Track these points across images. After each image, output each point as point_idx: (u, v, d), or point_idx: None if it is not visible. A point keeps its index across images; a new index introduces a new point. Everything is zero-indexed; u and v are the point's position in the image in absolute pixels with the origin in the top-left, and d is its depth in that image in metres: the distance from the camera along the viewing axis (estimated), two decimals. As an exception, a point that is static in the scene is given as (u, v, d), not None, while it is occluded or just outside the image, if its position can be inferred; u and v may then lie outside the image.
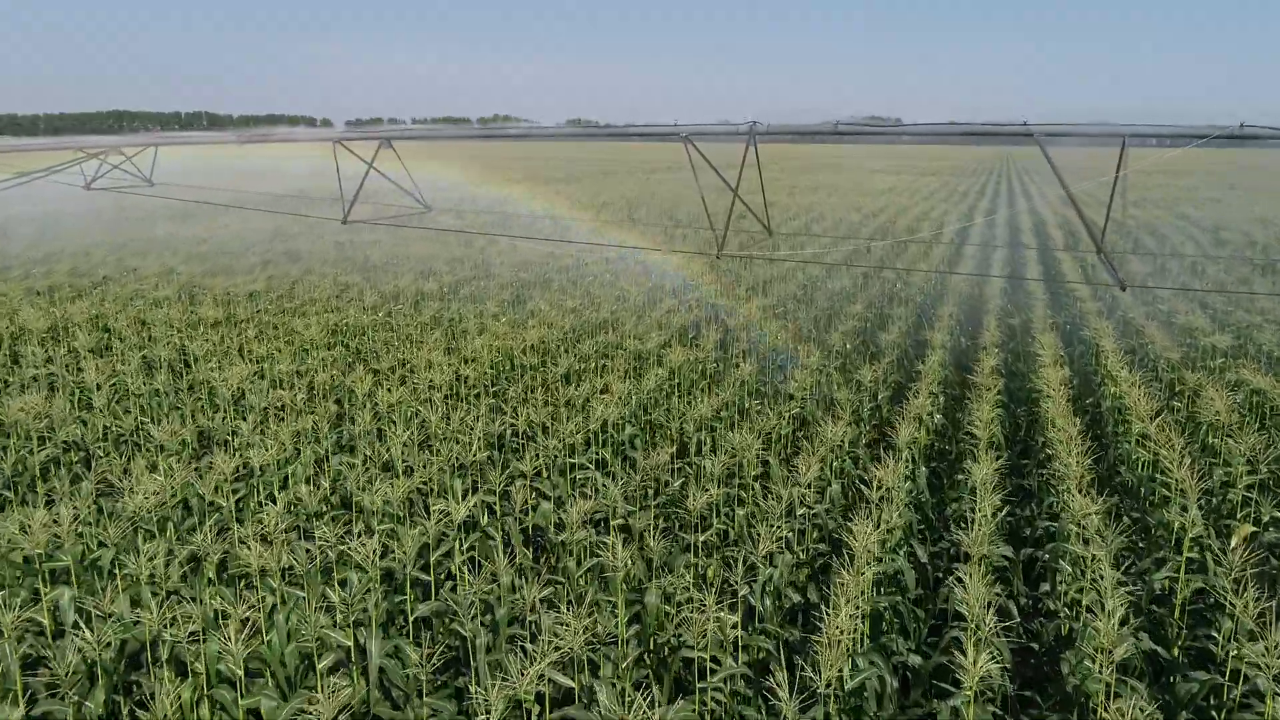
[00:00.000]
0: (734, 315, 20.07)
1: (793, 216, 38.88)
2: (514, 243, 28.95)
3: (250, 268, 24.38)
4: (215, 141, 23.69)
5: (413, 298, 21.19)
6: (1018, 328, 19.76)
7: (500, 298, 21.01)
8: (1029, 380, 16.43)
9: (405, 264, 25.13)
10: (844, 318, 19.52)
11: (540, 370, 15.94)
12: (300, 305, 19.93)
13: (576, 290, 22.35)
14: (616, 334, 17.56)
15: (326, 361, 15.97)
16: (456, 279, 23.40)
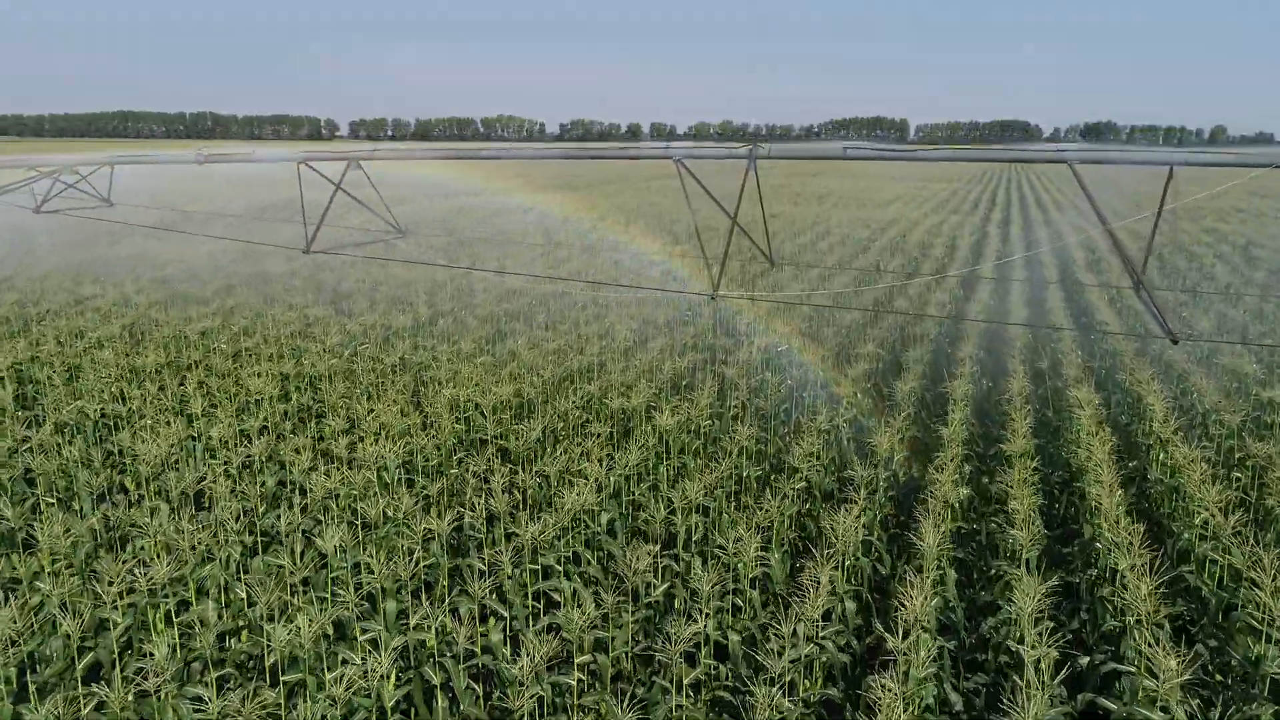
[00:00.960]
0: (732, 356, 18.22)
1: (798, 232, 37.03)
2: (501, 266, 27.14)
3: (213, 296, 22.59)
4: (173, 161, 21.85)
5: (382, 334, 19.38)
6: (1046, 371, 17.88)
7: (479, 334, 19.19)
8: (1065, 440, 14.57)
9: (381, 290, 23.32)
10: (854, 359, 17.66)
11: (512, 430, 14.12)
12: (257, 345, 18.12)
13: (563, 323, 20.54)
14: (600, 383, 15.73)
15: (274, 420, 14.16)
16: (434, 309, 21.59)
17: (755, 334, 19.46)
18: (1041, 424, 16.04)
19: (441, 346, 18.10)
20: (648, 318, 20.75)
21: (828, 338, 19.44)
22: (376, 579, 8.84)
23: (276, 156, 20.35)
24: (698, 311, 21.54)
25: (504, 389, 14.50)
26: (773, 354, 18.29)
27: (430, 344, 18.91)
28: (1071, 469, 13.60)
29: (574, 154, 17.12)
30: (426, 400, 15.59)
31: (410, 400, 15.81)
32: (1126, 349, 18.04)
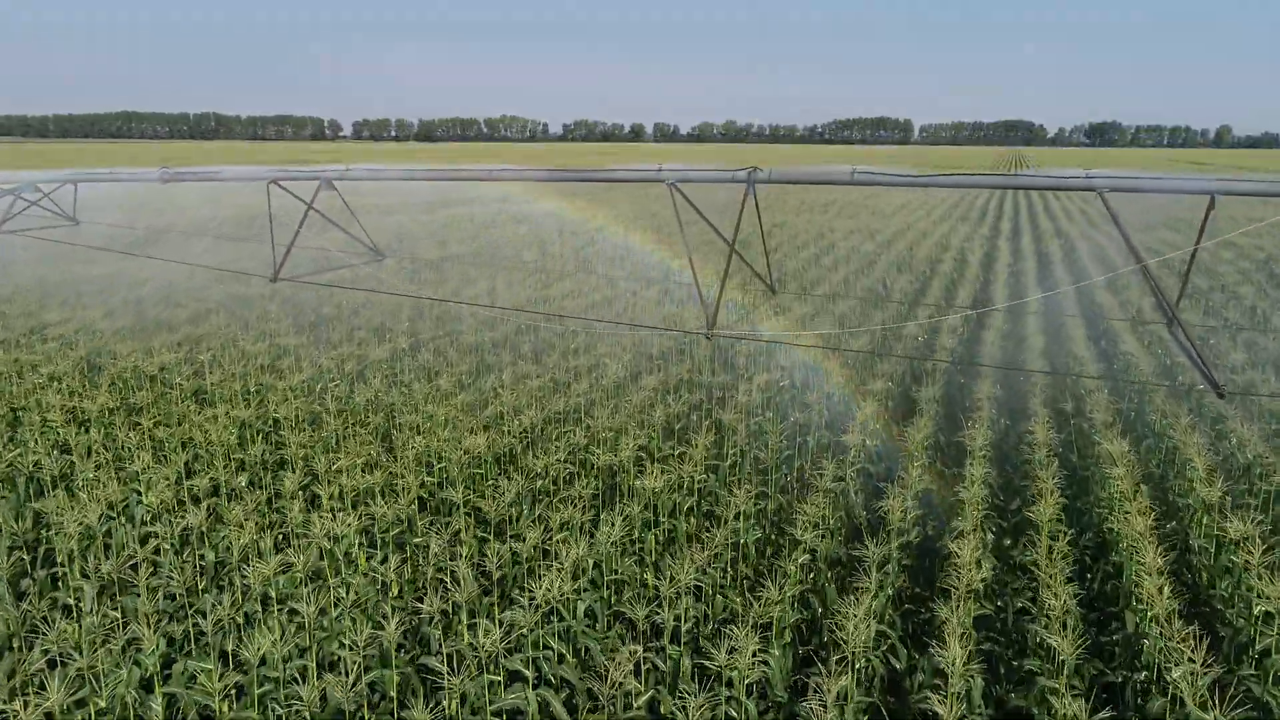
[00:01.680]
0: (730, 394, 16.90)
1: (800, 246, 35.68)
2: (490, 290, 25.83)
3: (183, 323, 21.29)
4: (135, 179, 20.56)
5: (357, 367, 18.09)
6: (1070, 411, 16.52)
7: (460, 367, 17.88)
8: (1096, 498, 13.22)
9: (360, 315, 22.00)
10: (862, 396, 16.33)
11: (487, 487, 12.83)
12: (220, 382, 16.82)
13: (551, 352, 19.23)
14: (587, 429, 14.42)
15: (226, 476, 12.86)
16: (415, 338, 20.28)
17: (755, 369, 18.13)
18: (1068, 474, 14.70)
19: (418, 383, 16.79)
20: (640, 348, 19.43)
21: (832, 371, 18.12)
22: (307, 703, 7.54)
23: (244, 175, 19.06)
24: (695, 341, 20.22)
25: (479, 439, 13.19)
26: (774, 390, 16.97)
27: (408, 378, 17.62)
28: (1105, 535, 12.28)
29: (561, 176, 15.80)
30: (397, 449, 14.31)
31: (380, 447, 14.52)
32: (1151, 372, 16.69)
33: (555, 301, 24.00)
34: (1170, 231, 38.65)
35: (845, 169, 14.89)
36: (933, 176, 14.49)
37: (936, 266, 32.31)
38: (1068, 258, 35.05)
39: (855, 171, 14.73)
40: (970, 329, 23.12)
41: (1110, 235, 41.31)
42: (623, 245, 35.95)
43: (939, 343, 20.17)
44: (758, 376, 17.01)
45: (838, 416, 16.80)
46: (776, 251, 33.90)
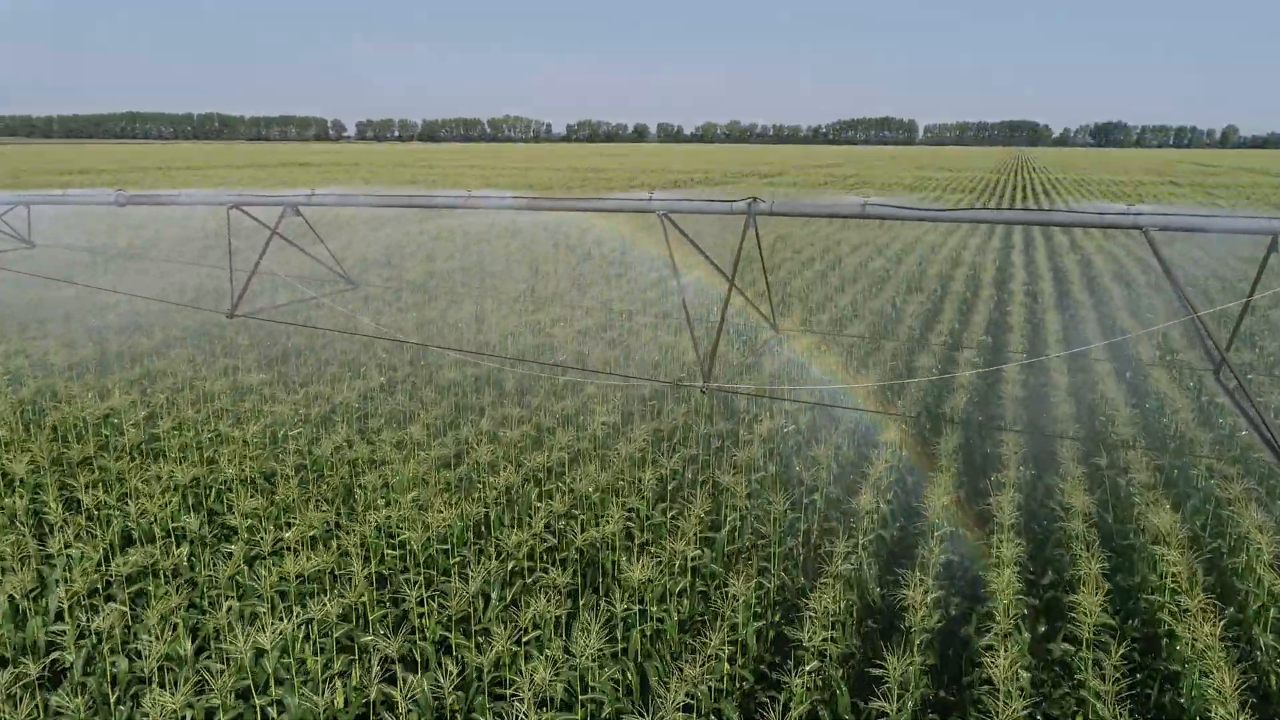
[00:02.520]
0: (731, 443, 15.40)
1: (806, 262, 34.14)
2: (476, 315, 24.34)
3: (144, 354, 19.83)
4: (90, 201, 19.10)
5: (323, 412, 16.61)
6: (1104, 467, 14.97)
7: (434, 413, 16.39)
8: (1145, 584, 11.69)
9: (331, 348, 20.50)
10: (875, 452, 14.81)
11: (451, 568, 11.36)
12: (173, 430, 15.34)
13: (535, 392, 17.74)
14: (568, 494, 12.94)
15: (158, 557, 11.39)
16: (390, 374, 18.79)
17: (756, 411, 16.62)
18: (1105, 540, 13.17)
19: (388, 430, 15.30)
20: (631, 389, 17.92)
21: (841, 416, 16.59)
22: None
23: (204, 200, 17.61)
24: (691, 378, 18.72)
25: (447, 513, 11.69)
26: (778, 439, 15.46)
27: (378, 423, 16.15)
28: (1156, 627, 10.77)
29: (542, 205, 14.32)
30: (357, 513, 12.86)
31: (339, 512, 13.07)
32: (1200, 436, 15.15)
33: (544, 329, 22.50)
34: (1198, 251, 37.11)
35: (855, 200, 13.40)
36: (953, 211, 12.98)
37: (948, 285, 30.78)
38: (1085, 274, 33.49)
39: (867, 204, 13.24)
40: (987, 363, 21.59)
41: (1126, 248, 39.74)
42: (619, 261, 34.48)
43: (955, 380, 18.63)
44: (760, 423, 15.49)
45: (849, 469, 15.32)
46: (780, 269, 32.40)
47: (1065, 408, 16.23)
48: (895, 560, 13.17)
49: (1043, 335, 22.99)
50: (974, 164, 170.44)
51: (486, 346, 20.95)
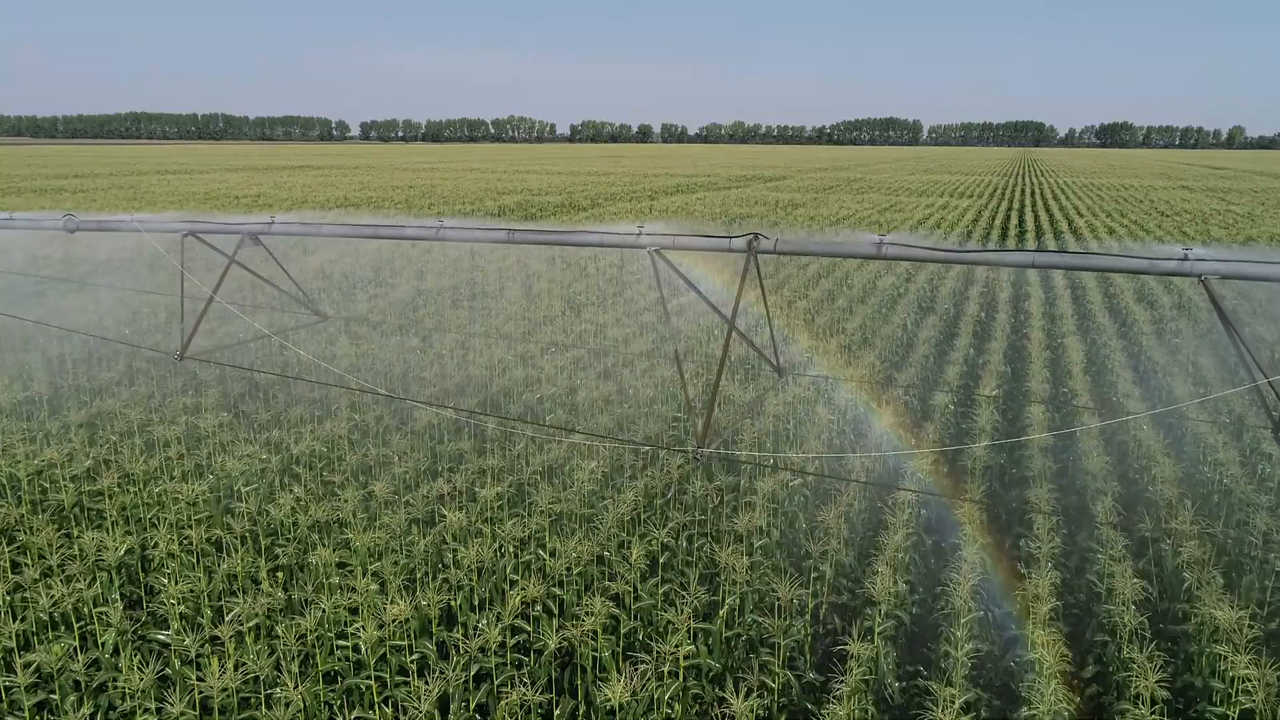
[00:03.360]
0: (726, 523, 13.90)
1: (811, 280, 32.59)
2: (463, 345, 22.86)
3: (98, 390, 18.39)
4: (35, 227, 17.64)
5: (284, 463, 15.15)
6: (1150, 536, 13.42)
7: (406, 465, 14.90)
8: (1211, 686, 10.18)
9: (301, 383, 19.02)
10: (882, 546, 13.29)
11: (400, 684, 9.88)
12: (112, 487, 13.88)
13: (516, 442, 16.26)
14: (543, 577, 11.46)
15: (76, 652, 9.93)
16: (360, 418, 17.30)
17: (759, 468, 15.11)
18: (1157, 631, 11.66)
19: (351, 490, 13.82)
20: (623, 434, 16.42)
21: (852, 464, 15.07)
22: None
23: (158, 226, 16.16)
24: (690, 416, 17.21)
25: (402, 606, 10.20)
26: (784, 499, 13.96)
27: (341, 477, 14.67)
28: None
29: (522, 238, 12.83)
30: (305, 595, 11.40)
31: (284, 594, 11.60)
32: (1262, 500, 13.61)
33: (532, 361, 21.01)
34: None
35: (870, 239, 11.90)
36: (984, 253, 11.49)
37: (962, 306, 29.26)
38: (1105, 290, 31.93)
39: (884, 243, 11.73)
40: (1010, 407, 20.08)
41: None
42: (616, 279, 32.98)
43: (975, 424, 17.10)
44: (763, 480, 13.98)
45: (861, 532, 13.82)
46: (784, 287, 30.88)
47: (1098, 460, 14.70)
48: (916, 647, 11.70)
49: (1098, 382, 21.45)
50: (980, 165, 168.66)
51: (470, 383, 19.47)
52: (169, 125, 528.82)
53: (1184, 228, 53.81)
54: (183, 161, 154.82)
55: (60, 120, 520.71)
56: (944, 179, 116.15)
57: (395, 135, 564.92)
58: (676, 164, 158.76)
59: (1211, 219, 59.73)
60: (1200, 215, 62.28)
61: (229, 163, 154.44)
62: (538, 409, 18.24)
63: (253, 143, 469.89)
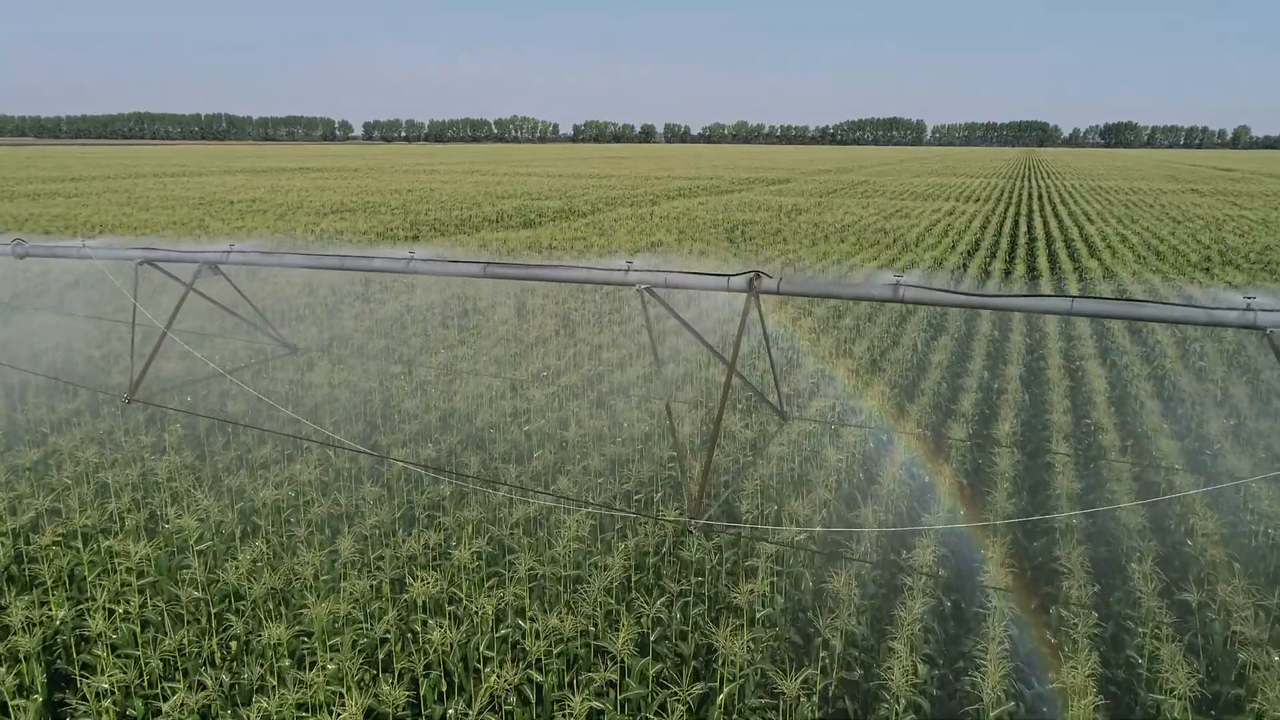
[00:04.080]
0: (723, 594, 12.65)
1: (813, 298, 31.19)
2: (450, 370, 21.62)
3: (57, 424, 17.16)
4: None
5: (244, 514, 13.91)
6: (1197, 605, 12.14)
7: (375, 518, 13.65)
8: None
9: (273, 418, 17.79)
10: (899, 620, 12.03)
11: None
12: (51, 546, 12.64)
13: (493, 495, 15.01)
14: (519, 663, 10.22)
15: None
16: (335, 456, 16.06)
17: (763, 521, 13.85)
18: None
19: (309, 553, 12.57)
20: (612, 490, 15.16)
21: (864, 516, 13.80)
22: None
23: (111, 253, 14.93)
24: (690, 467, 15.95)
25: (358, 700, 8.97)
26: (791, 561, 12.69)
27: (304, 531, 13.41)
28: None
29: (499, 272, 11.58)
30: (252, 678, 10.18)
31: (228, 676, 10.38)
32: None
33: (522, 392, 19.76)
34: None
35: (886, 279, 10.64)
36: (1015, 298, 10.22)
37: (974, 326, 27.97)
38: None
39: (901, 284, 10.46)
40: (1029, 439, 18.79)
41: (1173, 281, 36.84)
42: (614, 294, 31.71)
43: (994, 469, 15.81)
44: (765, 539, 12.72)
45: (874, 600, 12.57)
46: (788, 304, 29.60)
47: (1133, 519, 13.41)
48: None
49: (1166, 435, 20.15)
50: (985, 167, 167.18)
51: (454, 416, 18.23)
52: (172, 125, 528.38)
53: (1198, 234, 52.48)
54: (182, 164, 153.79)
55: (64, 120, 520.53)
56: (949, 181, 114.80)
57: (398, 135, 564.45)
58: (679, 165, 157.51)
59: (1225, 224, 58.39)
60: (1214, 221, 60.93)
61: (229, 164, 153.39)
62: (524, 446, 17.01)
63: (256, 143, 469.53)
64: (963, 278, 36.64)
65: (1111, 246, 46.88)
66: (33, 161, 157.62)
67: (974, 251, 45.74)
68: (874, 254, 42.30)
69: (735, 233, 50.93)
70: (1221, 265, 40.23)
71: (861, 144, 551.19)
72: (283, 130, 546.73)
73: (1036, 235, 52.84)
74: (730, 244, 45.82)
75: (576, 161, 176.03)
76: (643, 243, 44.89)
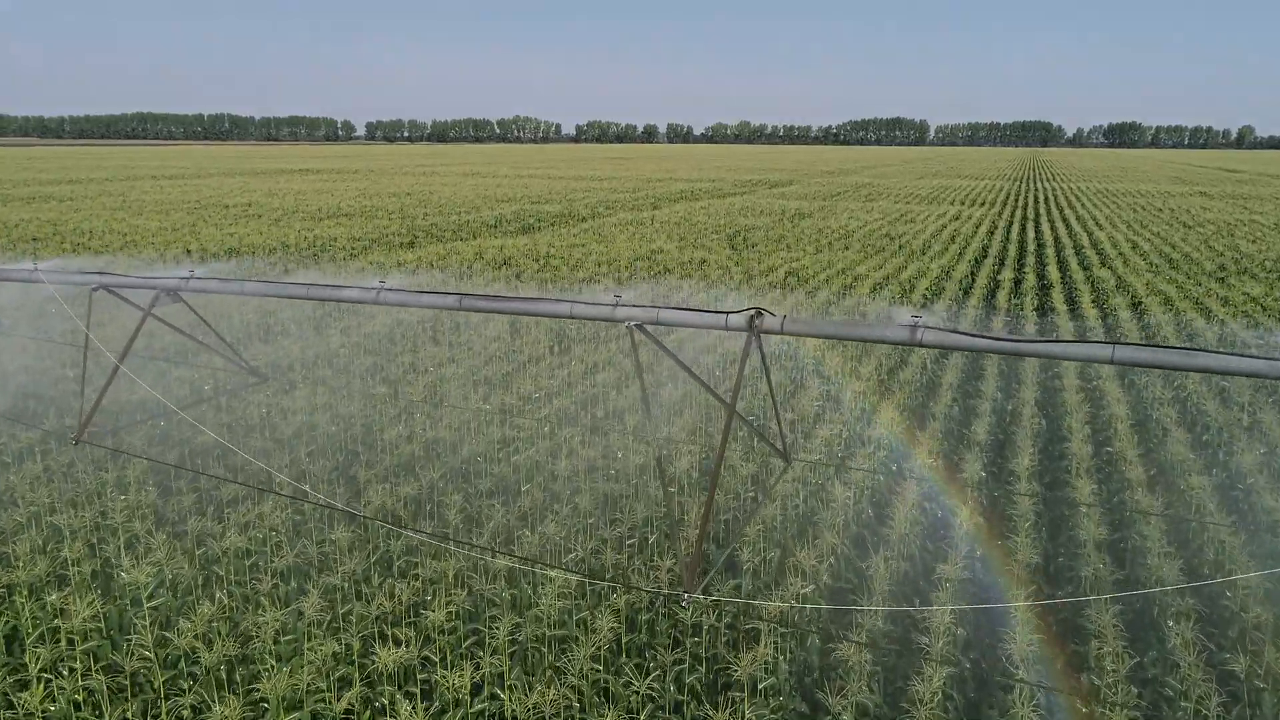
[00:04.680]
0: (724, 667, 11.58)
1: (820, 308, 30.19)
2: (435, 392, 20.58)
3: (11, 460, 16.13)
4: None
5: (204, 562, 12.88)
6: (1242, 675, 11.07)
7: (345, 569, 12.61)
8: None
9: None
10: (917, 696, 10.97)
11: None
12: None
13: (482, 528, 13.97)
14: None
15: None
16: (301, 503, 15.02)
17: (766, 581, 12.78)
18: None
19: (271, 611, 11.52)
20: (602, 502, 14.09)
21: (876, 570, 12.74)
22: None
23: (66, 278, 13.90)
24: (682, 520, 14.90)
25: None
26: (792, 619, 11.62)
27: (267, 584, 12.37)
28: None
29: (474, 305, 10.54)
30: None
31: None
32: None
33: (511, 419, 18.71)
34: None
35: (903, 320, 9.57)
36: (1044, 342, 9.14)
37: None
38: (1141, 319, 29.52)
39: (920, 326, 9.40)
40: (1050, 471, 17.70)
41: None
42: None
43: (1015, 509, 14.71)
44: (768, 605, 11.66)
45: (888, 665, 11.49)
46: (793, 318, 28.44)
47: (1169, 572, 12.33)
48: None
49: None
50: (989, 168, 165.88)
51: (436, 445, 17.19)
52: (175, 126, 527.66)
53: (1210, 241, 51.37)
54: (182, 165, 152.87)
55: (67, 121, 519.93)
56: (954, 183, 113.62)
57: (401, 136, 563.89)
58: (681, 166, 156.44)
59: (1237, 230, 57.26)
60: (1225, 226, 59.79)
61: (228, 166, 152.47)
62: (513, 480, 15.97)
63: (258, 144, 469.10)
64: (972, 288, 35.56)
65: (1123, 254, 45.76)
66: (33, 163, 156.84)
67: (981, 259, 44.65)
68: (880, 262, 41.21)
69: (737, 239, 49.86)
70: (1237, 274, 39.12)
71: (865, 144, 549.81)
72: (285, 130, 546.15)
73: (1045, 241, 51.72)
74: (732, 251, 44.76)
75: (578, 163, 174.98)
76: (642, 249, 43.83)
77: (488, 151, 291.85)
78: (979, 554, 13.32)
